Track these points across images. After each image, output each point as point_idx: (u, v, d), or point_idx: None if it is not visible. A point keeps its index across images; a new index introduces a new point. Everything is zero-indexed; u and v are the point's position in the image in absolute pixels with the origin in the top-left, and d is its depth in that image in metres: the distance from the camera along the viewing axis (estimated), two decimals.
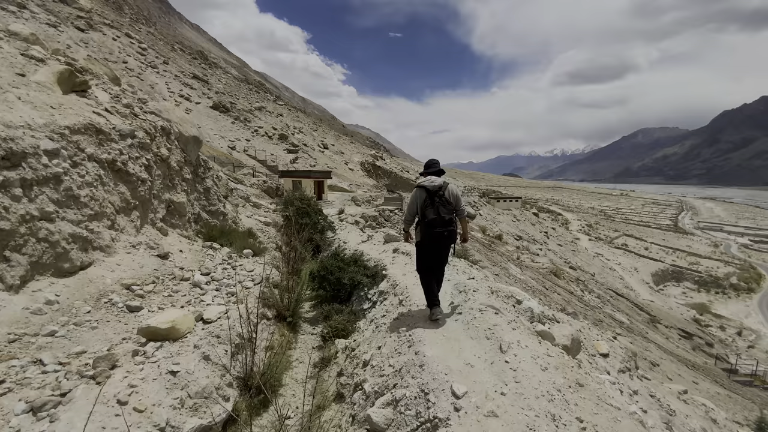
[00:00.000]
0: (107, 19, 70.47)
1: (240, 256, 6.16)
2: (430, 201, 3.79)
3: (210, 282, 4.64)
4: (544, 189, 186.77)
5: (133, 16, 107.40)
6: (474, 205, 57.01)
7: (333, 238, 8.72)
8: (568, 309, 26.94)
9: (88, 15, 64.06)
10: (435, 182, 3.91)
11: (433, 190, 3.83)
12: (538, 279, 29.57)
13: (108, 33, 62.90)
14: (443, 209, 3.76)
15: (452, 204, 3.86)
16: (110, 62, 53.65)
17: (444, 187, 3.89)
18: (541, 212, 74.02)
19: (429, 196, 3.82)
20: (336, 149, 71.75)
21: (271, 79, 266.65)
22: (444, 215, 3.75)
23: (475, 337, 3.52)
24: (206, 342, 3.19)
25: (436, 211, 3.75)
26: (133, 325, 3.32)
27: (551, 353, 3.35)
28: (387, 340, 3.72)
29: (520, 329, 3.68)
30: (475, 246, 27.36)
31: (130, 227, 4.76)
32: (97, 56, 52.67)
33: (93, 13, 68.05)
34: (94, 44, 55.15)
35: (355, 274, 5.42)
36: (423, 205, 3.83)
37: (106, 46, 57.48)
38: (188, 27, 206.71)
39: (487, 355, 3.22)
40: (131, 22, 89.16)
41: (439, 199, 3.79)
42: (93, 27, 60.78)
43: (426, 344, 3.36)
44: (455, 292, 4.75)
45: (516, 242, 46.74)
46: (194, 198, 7.04)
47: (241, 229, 8.16)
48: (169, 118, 6.48)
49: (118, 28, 69.93)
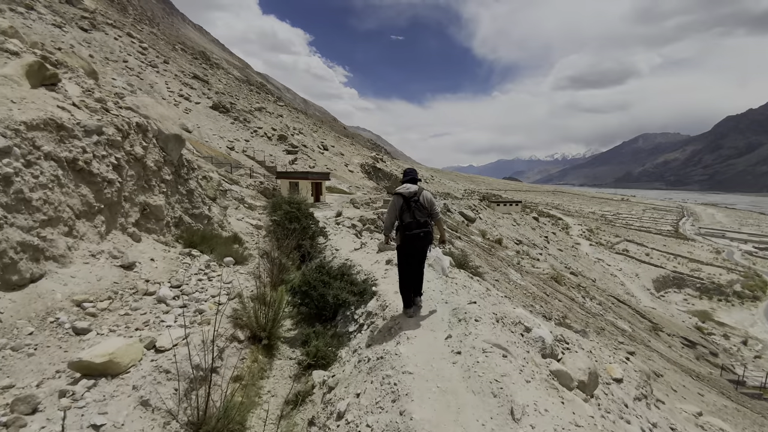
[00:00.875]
0: (110, 19, 70.38)
1: (220, 264, 5.68)
2: (407, 206, 4.13)
3: (178, 297, 4.16)
4: (545, 193, 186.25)
5: (137, 16, 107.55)
6: (474, 208, 56.54)
7: (324, 244, 8.23)
8: (569, 317, 26.42)
9: (92, 15, 64.02)
10: (410, 189, 4.24)
11: (409, 196, 4.16)
12: (539, 285, 29.06)
13: (110, 33, 62.78)
14: (418, 213, 4.09)
15: (427, 208, 4.18)
16: (111, 61, 53.44)
17: (419, 192, 4.24)
18: (541, 216, 73.58)
19: (405, 202, 4.16)
20: (336, 150, 71.39)
21: (273, 81, 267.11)
22: (419, 218, 4.08)
23: (478, 391, 2.82)
24: (150, 380, 2.70)
25: (412, 215, 4.08)
26: (73, 353, 2.85)
27: (578, 421, 2.65)
28: (367, 385, 3.10)
29: (535, 380, 2.93)
30: (475, 251, 26.88)
31: (92, 233, 4.29)
32: (98, 55, 52.48)
33: (97, 13, 68.04)
34: (97, 44, 54.96)
35: (340, 291, 4.83)
36: (400, 210, 4.17)
37: (107, 46, 57.30)
38: (191, 28, 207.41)
39: (495, 422, 2.51)
40: (134, 22, 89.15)
41: (414, 204, 4.13)
42: (96, 27, 60.66)
43: (414, 399, 2.71)
44: (453, 320, 4.05)
45: (516, 247, 46.27)
46: (175, 200, 6.56)
47: (227, 233, 7.68)
48: (147, 115, 6.02)
49: (120, 28, 69.82)
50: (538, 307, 23.84)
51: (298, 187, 25.18)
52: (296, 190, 25.07)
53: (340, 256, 7.39)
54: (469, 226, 44.31)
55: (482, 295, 5.09)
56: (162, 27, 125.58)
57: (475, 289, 5.31)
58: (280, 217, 7.67)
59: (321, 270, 5.22)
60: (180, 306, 3.92)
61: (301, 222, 7.59)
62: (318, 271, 5.20)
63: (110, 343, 2.88)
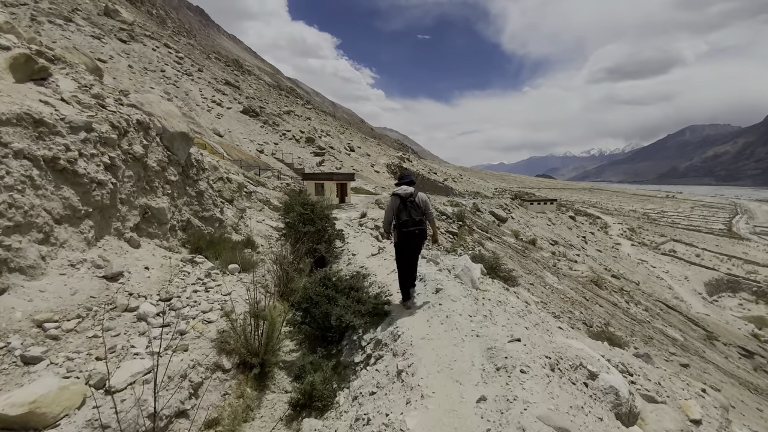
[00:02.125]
0: (148, 31, 74.05)
1: (224, 272, 5.17)
2: (403, 206, 4.44)
3: (164, 313, 3.65)
4: (580, 191, 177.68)
5: (176, 29, 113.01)
6: (505, 208, 54.46)
7: (341, 248, 7.62)
8: (612, 324, 24.52)
9: (130, 27, 67.53)
10: (406, 191, 4.55)
11: (405, 197, 4.48)
12: (577, 289, 27.17)
13: (148, 44, 65.99)
14: (414, 212, 4.40)
15: (421, 208, 4.48)
16: (149, 71, 56.04)
17: (414, 194, 4.57)
18: (578, 215, 69.90)
19: (402, 202, 4.46)
20: (362, 151, 71.30)
21: (303, 85, 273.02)
22: (415, 217, 4.39)
23: None
24: None
25: (408, 213, 4.39)
26: (8, 390, 2.33)
27: None
28: None
29: None
30: (507, 252, 25.48)
31: (76, 240, 3.87)
32: (137, 66, 55.18)
33: (135, 25, 71.70)
34: (135, 55, 57.86)
35: (346, 311, 4.02)
36: (397, 209, 4.47)
37: (146, 56, 60.20)
38: (225, 38, 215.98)
39: None
40: (172, 34, 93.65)
41: (410, 204, 4.43)
42: (134, 38, 63.94)
43: None
44: (489, 366, 2.95)
45: (551, 247, 44.00)
46: (183, 203, 6.15)
47: (240, 237, 7.22)
48: (151, 112, 5.64)
49: (158, 39, 73.25)
50: (578, 314, 22.25)
51: (324, 188, 24.93)
52: (322, 191, 24.84)
53: (355, 263, 6.78)
54: (500, 226, 42.59)
55: (522, 313, 4.22)
56: (199, 38, 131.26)
57: (512, 305, 4.44)
58: (292, 219, 7.14)
59: (326, 282, 4.53)
60: (161, 325, 3.40)
61: (316, 224, 7.01)
62: (322, 283, 4.50)
63: (39, 385, 2.30)
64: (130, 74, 52.31)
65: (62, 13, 57.04)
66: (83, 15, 60.88)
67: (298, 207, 7.19)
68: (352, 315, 4.00)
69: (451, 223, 24.99)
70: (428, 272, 5.49)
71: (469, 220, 28.90)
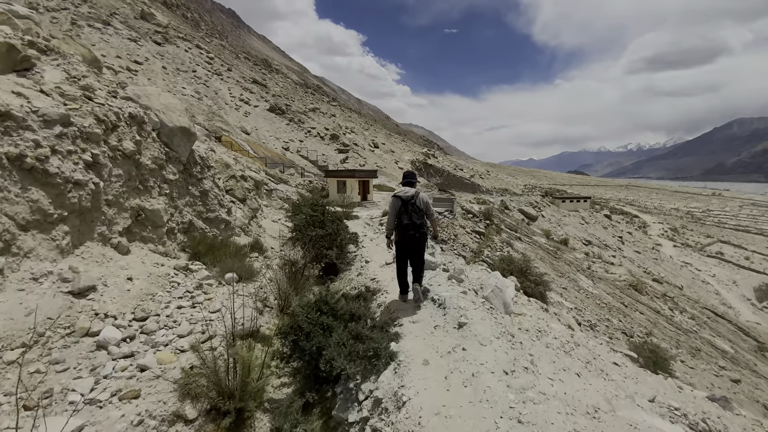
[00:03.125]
0: (181, 33, 76.48)
1: (220, 282, 4.66)
2: (404, 208, 4.42)
3: (132, 338, 3.15)
4: (616, 188, 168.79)
5: (208, 31, 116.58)
6: (535, 205, 52.27)
7: (355, 254, 6.96)
8: (655, 334, 22.76)
9: (164, 30, 69.98)
10: (408, 192, 4.52)
11: (406, 199, 4.44)
12: (615, 294, 25.36)
13: (181, 45, 68.14)
14: (415, 215, 4.40)
15: (423, 210, 4.48)
16: (181, 71, 57.75)
17: (416, 196, 4.51)
18: (613, 214, 66.21)
19: (403, 204, 4.43)
20: (386, 148, 70.62)
21: (329, 83, 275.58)
22: (415, 220, 4.39)
23: None
24: None
25: (409, 216, 4.39)
26: None
27: None
28: None
29: None
30: (538, 254, 24.10)
31: (45, 249, 3.44)
32: (170, 67, 57.02)
33: (169, 27, 74.21)
34: (169, 56, 59.86)
35: (338, 352, 3.10)
36: (398, 212, 4.46)
37: (179, 58, 62.16)
38: (255, 38, 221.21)
39: None
40: (205, 36, 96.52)
41: (411, 207, 4.42)
42: (168, 41, 66.21)
43: None
44: None
45: (585, 248, 41.73)
46: (184, 203, 5.71)
47: (247, 239, 6.73)
48: (148, 105, 5.20)
49: (190, 41, 75.51)
50: (616, 322, 20.69)
51: (346, 185, 24.48)
52: (344, 189, 24.40)
53: (366, 273, 6.09)
54: (530, 225, 40.78)
55: (568, 347, 3.39)
56: (230, 39, 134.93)
57: (555, 335, 3.62)
58: (299, 222, 6.55)
59: (321, 306, 3.62)
60: (123, 356, 2.89)
61: (326, 227, 6.39)
62: (316, 308, 3.59)
63: None
64: (164, 75, 54.10)
65: (101, 17, 59.74)
66: (120, 19, 63.58)
67: (306, 209, 6.59)
68: (347, 360, 3.05)
69: (478, 222, 23.86)
70: (450, 295, 4.55)
71: (496, 218, 27.60)
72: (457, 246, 18.36)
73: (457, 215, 20.63)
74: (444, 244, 17.24)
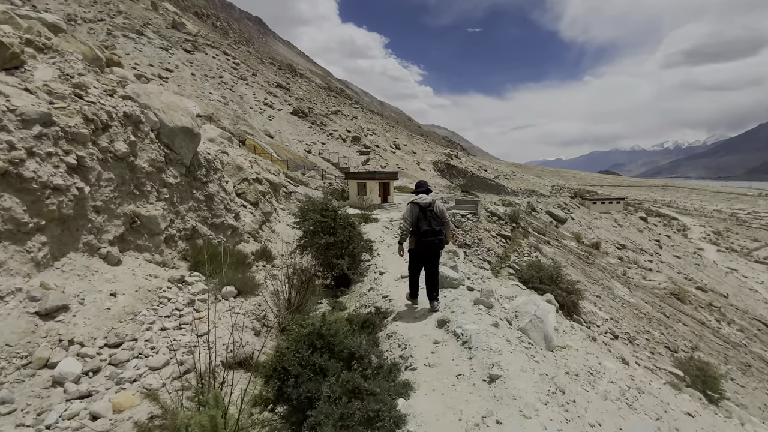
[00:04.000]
0: (209, 40, 79.01)
1: (216, 297, 4.23)
2: (423, 215, 4.55)
3: (97, 371, 2.71)
4: (652, 188, 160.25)
5: (236, 38, 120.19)
6: (564, 207, 50.11)
7: (369, 263, 6.40)
8: (701, 348, 21.00)
9: (194, 38, 72.50)
10: (426, 199, 4.67)
11: (425, 206, 4.59)
12: (654, 303, 23.60)
13: (209, 52, 70.37)
14: (434, 222, 4.53)
15: (440, 217, 4.63)
16: (209, 77, 59.50)
17: (433, 203, 4.68)
18: (649, 216, 62.60)
19: (421, 211, 4.57)
20: (408, 149, 69.93)
21: (352, 86, 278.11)
22: (434, 227, 4.53)
23: None
24: None
25: (428, 223, 4.51)
26: None
27: None
28: None
29: None
30: (568, 259, 22.78)
31: (18, 262, 3.11)
32: (199, 73, 58.88)
33: (198, 36, 76.79)
34: (198, 63, 61.88)
35: (328, 413, 2.34)
36: (417, 218, 4.56)
37: (207, 64, 64.14)
38: (281, 44, 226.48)
39: None
40: (233, 43, 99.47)
41: (430, 214, 4.56)
42: (197, 48, 68.51)
43: None
44: None
45: (618, 252, 39.51)
46: (187, 208, 5.35)
47: (255, 246, 6.32)
48: (148, 104, 4.88)
49: (218, 48, 77.85)
50: (657, 335, 19.16)
51: (366, 187, 24.04)
52: (364, 191, 23.98)
53: (379, 288, 5.45)
54: (558, 228, 38.99)
55: (631, 397, 2.67)
56: (257, 46, 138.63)
57: (611, 378, 2.91)
58: (307, 228, 6.06)
59: (314, 342, 2.92)
60: (80, 396, 2.45)
61: (338, 234, 5.87)
62: (308, 343, 2.90)
63: None
64: (192, 81, 55.89)
65: (135, 27, 62.56)
66: (153, 29, 66.36)
67: (314, 214, 6.07)
68: (337, 427, 2.27)
69: (504, 225, 22.80)
70: (478, 329, 3.72)
71: (523, 221, 26.35)
72: (482, 250, 17.47)
73: (481, 218, 19.72)
74: (467, 249, 16.43)
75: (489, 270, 12.49)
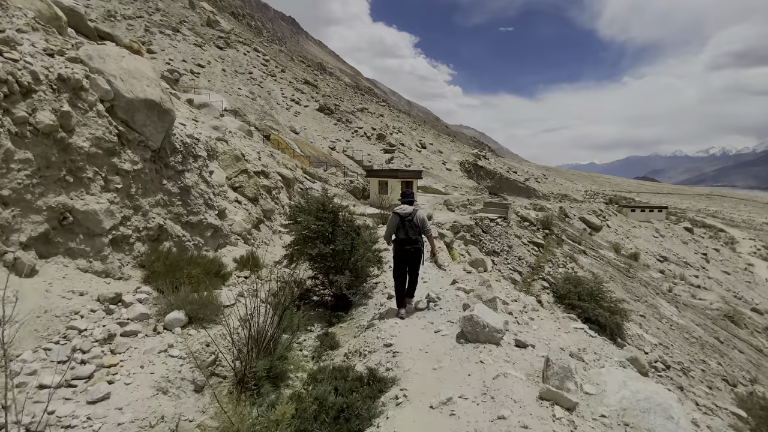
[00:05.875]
0: (241, 37, 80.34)
1: (156, 327, 3.10)
2: (401, 224, 4.81)
3: None
4: (695, 197, 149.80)
5: (269, 37, 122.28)
6: (599, 214, 46.96)
7: (376, 281, 5.12)
8: (761, 380, 18.44)
9: (227, 35, 73.90)
10: (405, 210, 4.88)
11: (404, 216, 4.83)
12: (706, 326, 21.05)
13: (240, 49, 71.50)
14: (411, 231, 4.79)
15: (419, 227, 4.85)
16: (239, 74, 60.29)
17: (413, 213, 4.88)
18: (694, 226, 57.91)
19: (400, 221, 4.82)
20: (434, 148, 68.14)
21: (381, 85, 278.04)
22: (411, 236, 4.79)
23: None
24: None
25: (405, 232, 4.79)
26: None
27: None
28: None
29: None
30: (607, 271, 20.65)
31: None
32: (229, 69, 59.78)
33: (231, 33, 78.21)
34: (229, 60, 62.79)
35: None
36: (396, 227, 4.83)
37: (237, 61, 65.05)
38: (312, 43, 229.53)
39: None
40: (266, 42, 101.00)
41: (408, 223, 4.81)
42: (229, 45, 69.68)
43: None
44: None
45: (659, 265, 36.39)
46: (153, 203, 4.31)
47: (241, 251, 5.20)
48: (101, 69, 3.85)
49: (249, 44, 79.03)
50: (714, 365, 16.87)
51: (388, 185, 22.86)
52: (386, 189, 22.85)
53: (383, 327, 4.14)
54: (592, 236, 36.33)
55: None
56: (289, 45, 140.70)
57: None
58: (297, 234, 4.81)
59: None
60: None
61: (337, 242, 4.62)
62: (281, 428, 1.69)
63: None
64: (223, 77, 56.73)
65: (171, 24, 64.34)
66: (189, 26, 68.08)
67: (305, 216, 4.75)
68: None
69: (535, 232, 20.92)
70: None
71: (557, 228, 24.28)
72: (512, 259, 15.86)
73: (511, 223, 18.04)
74: (496, 257, 14.88)
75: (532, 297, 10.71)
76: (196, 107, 14.89)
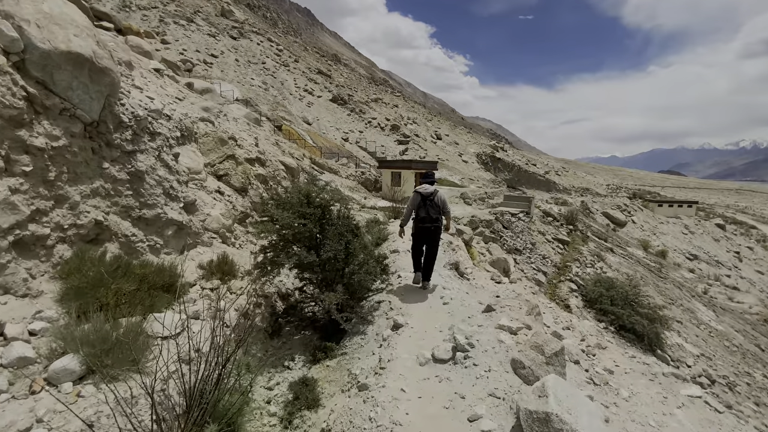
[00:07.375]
0: (255, 28, 79.67)
1: (32, 386, 2.03)
2: (423, 203, 4.98)
3: None
4: (723, 192, 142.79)
5: (285, 28, 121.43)
6: (624, 209, 44.58)
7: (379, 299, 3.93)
8: None
9: (240, 25, 73.37)
10: (427, 189, 5.08)
11: (426, 195, 5.01)
12: (746, 332, 19.23)
13: (254, 39, 70.85)
14: (432, 210, 4.95)
15: (440, 206, 5.02)
16: (252, 63, 59.63)
17: (435, 193, 5.10)
18: (727, 224, 54.68)
19: (422, 200, 5.00)
20: (450, 140, 66.22)
21: (396, 77, 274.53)
22: (432, 214, 4.94)
23: None
24: None
25: (426, 211, 4.94)
26: None
27: None
28: None
29: None
30: (637, 271, 19.03)
31: None
32: (242, 59, 59.22)
33: (245, 23, 77.65)
34: (242, 49, 62.15)
35: None
36: (417, 206, 5.02)
37: (251, 51, 64.41)
38: (327, 35, 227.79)
39: None
40: (282, 33, 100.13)
41: (429, 202, 4.97)
42: (243, 35, 69.06)
43: None
44: None
45: (689, 263, 34.22)
46: (87, 192, 3.30)
47: (208, 256, 4.15)
48: (12, 13, 2.81)
49: (262, 34, 78.29)
50: (760, 377, 15.18)
51: (401, 177, 21.65)
52: (398, 181, 21.66)
53: (387, 382, 2.70)
54: (616, 231, 34.32)
55: None
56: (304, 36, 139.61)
57: None
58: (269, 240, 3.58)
59: None
60: None
61: (327, 247, 3.37)
62: None
63: None
64: (236, 67, 56.19)
65: (185, 14, 64.06)
66: (203, 16, 67.72)
67: (282, 212, 3.41)
68: None
69: (559, 228, 19.40)
70: None
71: (581, 223, 22.63)
72: (535, 257, 14.50)
73: (534, 218, 16.62)
74: (518, 255, 13.55)
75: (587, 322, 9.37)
76: (197, 92, 13.90)
